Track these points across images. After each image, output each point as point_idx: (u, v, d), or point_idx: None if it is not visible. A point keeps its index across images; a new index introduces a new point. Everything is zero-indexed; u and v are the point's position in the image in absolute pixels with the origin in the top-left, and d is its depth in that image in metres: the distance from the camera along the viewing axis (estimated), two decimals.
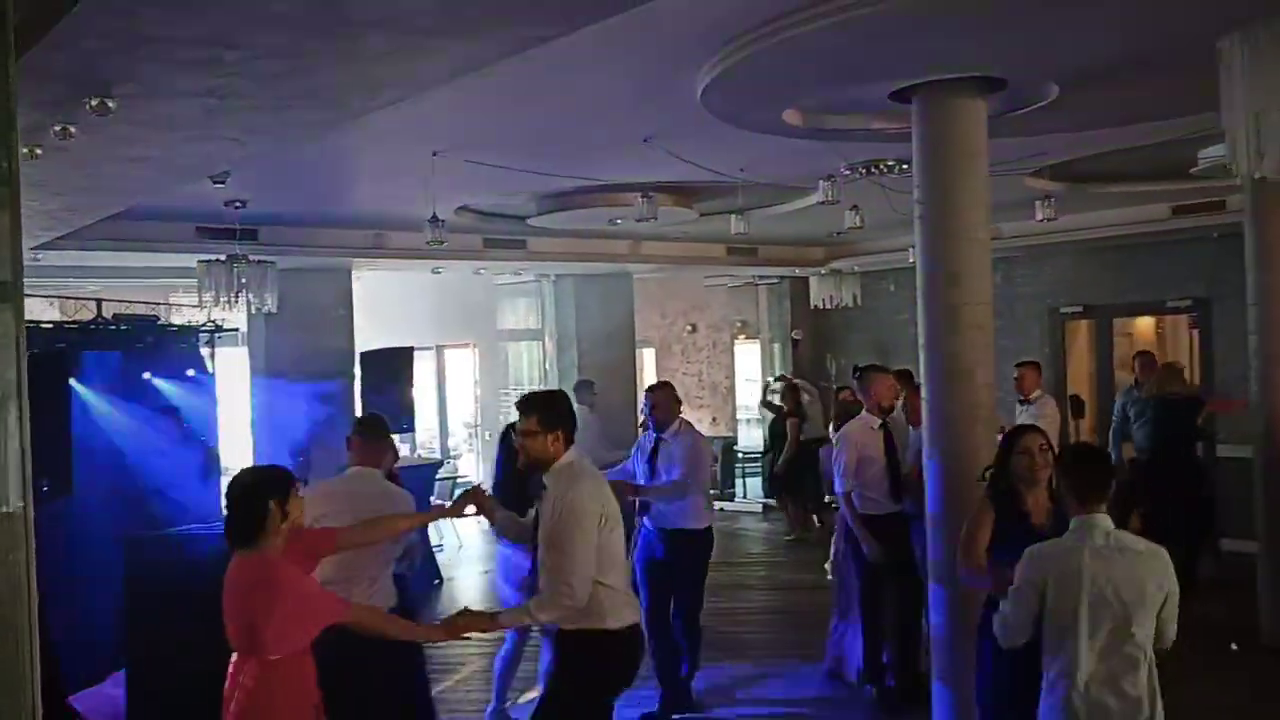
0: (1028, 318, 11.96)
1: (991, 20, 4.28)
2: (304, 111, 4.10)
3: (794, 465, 11.56)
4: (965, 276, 5.15)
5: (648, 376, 15.82)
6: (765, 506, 13.64)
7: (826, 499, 9.71)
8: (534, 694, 6.12)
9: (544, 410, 3.88)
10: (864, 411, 6.34)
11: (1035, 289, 11.95)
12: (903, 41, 4.51)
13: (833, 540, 6.71)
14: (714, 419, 15.61)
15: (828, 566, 6.95)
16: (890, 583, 6.16)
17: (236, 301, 8.09)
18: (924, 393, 5.32)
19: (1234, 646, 6.97)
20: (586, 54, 4.57)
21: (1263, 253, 7.71)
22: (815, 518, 11.63)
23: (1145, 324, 12.24)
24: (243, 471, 3.76)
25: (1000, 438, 4.56)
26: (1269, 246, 7.67)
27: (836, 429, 6.88)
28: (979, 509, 4.19)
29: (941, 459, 5.14)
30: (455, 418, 15.12)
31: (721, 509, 12.54)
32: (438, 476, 10.90)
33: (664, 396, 6.26)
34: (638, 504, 6.28)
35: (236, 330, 10.40)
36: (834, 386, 13.07)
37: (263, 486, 3.51)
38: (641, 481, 6.19)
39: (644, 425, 6.67)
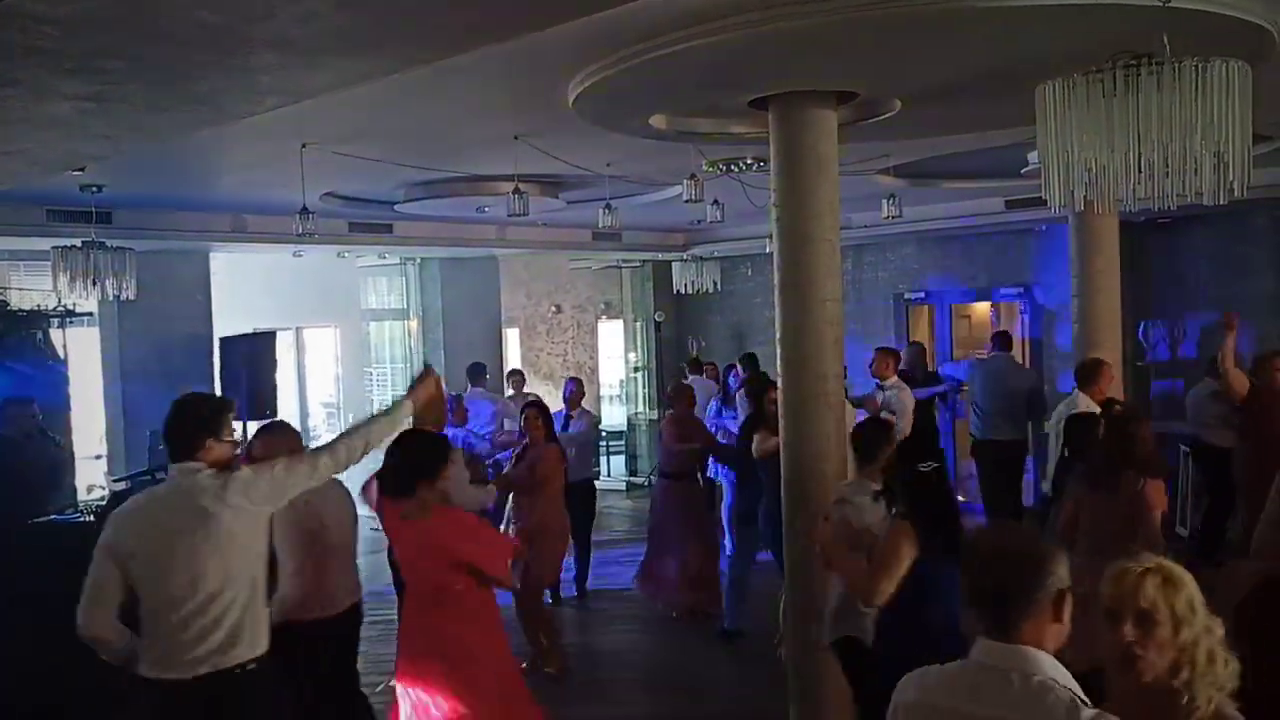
0: (874, 303, 12.64)
1: (841, 46, 4.64)
2: (184, 115, 4.15)
3: None
4: (817, 276, 5.53)
5: (512, 356, 15.98)
6: (629, 484, 14.03)
7: None
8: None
9: None
10: None
11: (881, 276, 12.63)
12: (760, 60, 4.83)
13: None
14: None
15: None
16: None
17: (94, 289, 7.89)
18: (779, 382, 5.71)
19: None
20: (461, 58, 4.73)
21: (1082, 248, 8.45)
22: None
23: (982, 309, 13.07)
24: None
25: None
26: (1088, 243, 8.41)
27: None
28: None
29: (792, 446, 5.54)
30: (315, 399, 14.94)
31: None
32: None
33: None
34: None
35: (89, 314, 10.10)
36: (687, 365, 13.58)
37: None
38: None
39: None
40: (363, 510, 4.86)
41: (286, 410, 13.10)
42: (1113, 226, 8.20)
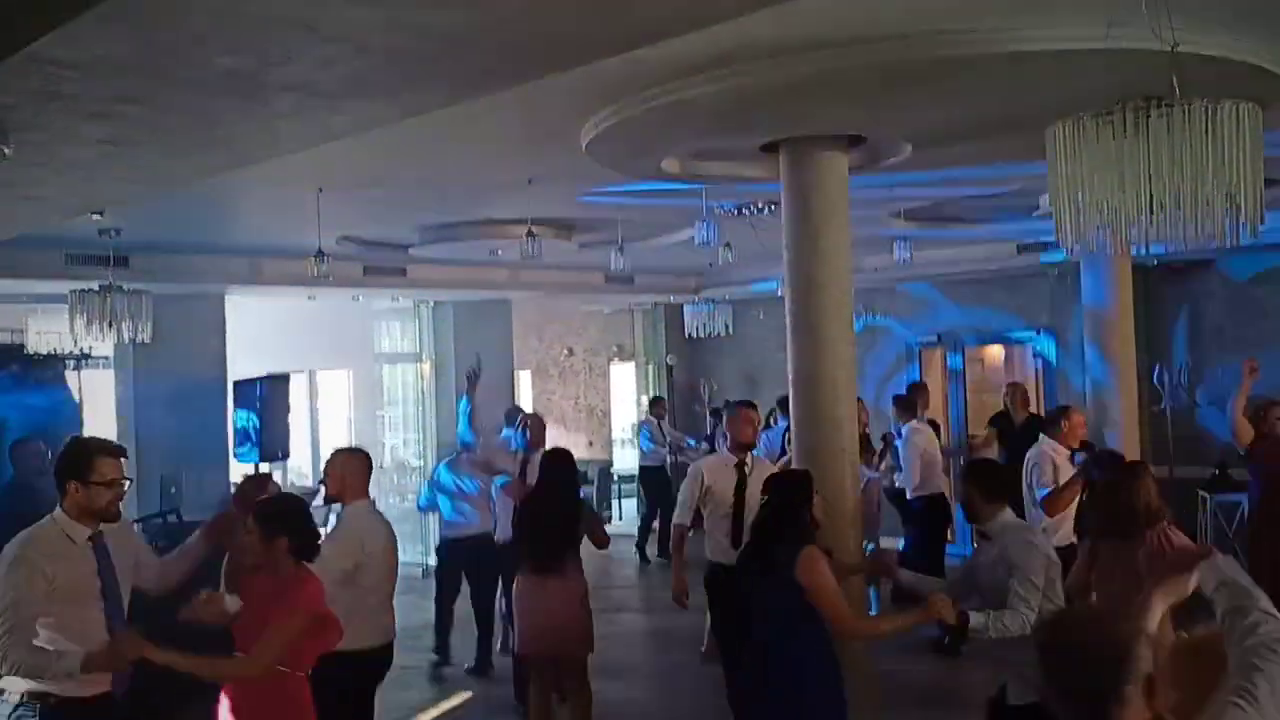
0: (885, 346, 12.63)
1: (849, 91, 4.68)
2: (202, 158, 4.20)
3: None
4: (829, 319, 5.54)
5: (524, 399, 15.99)
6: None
7: None
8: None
9: None
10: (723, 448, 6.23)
11: (893, 319, 12.63)
12: (769, 106, 4.88)
13: None
14: (590, 442, 15.86)
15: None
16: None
17: (110, 331, 7.95)
18: (792, 428, 5.69)
19: None
20: (475, 104, 4.79)
21: (1095, 291, 8.45)
22: None
23: (994, 353, 13.04)
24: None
25: None
26: (1101, 286, 8.42)
27: None
28: None
29: None
30: (328, 443, 14.96)
31: None
32: (313, 505, 10.78)
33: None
34: None
35: (105, 357, 10.17)
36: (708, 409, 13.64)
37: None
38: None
39: None
40: None
41: (299, 453, 13.16)
42: (1126, 269, 8.20)
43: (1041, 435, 6.39)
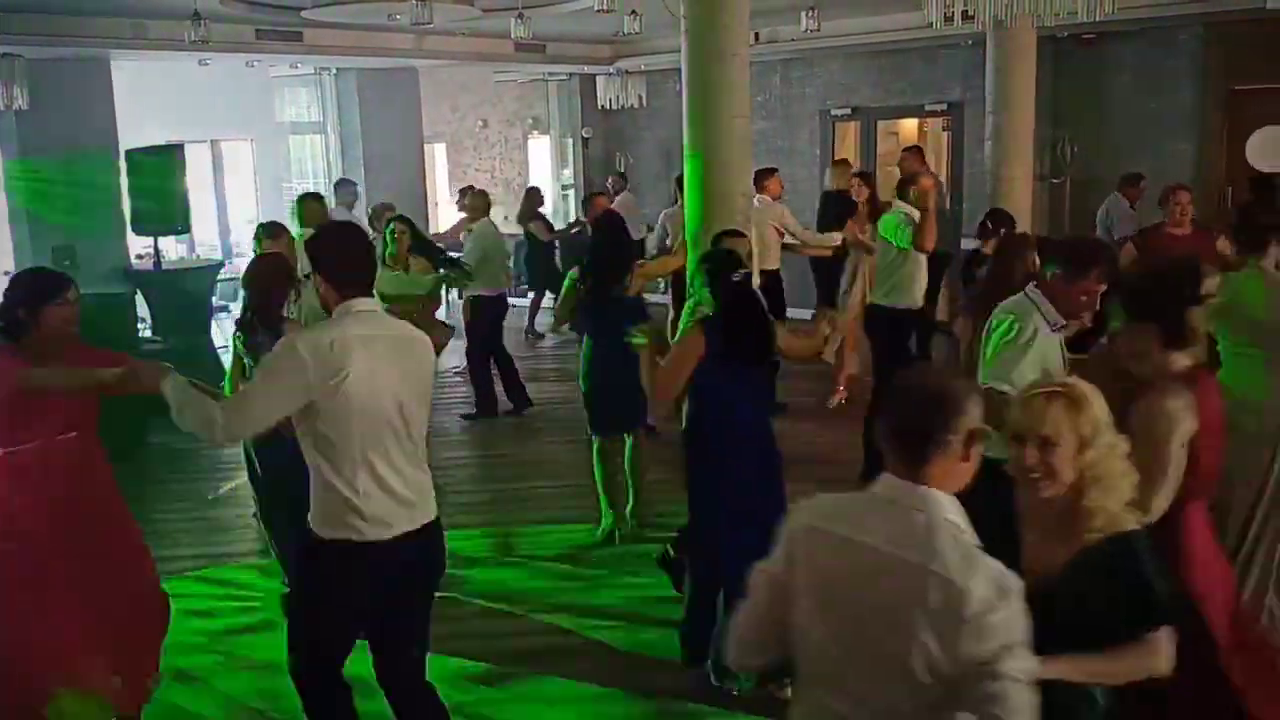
0: (800, 120, 12.54)
1: None
2: None
3: None
4: (724, 92, 5.50)
5: (439, 172, 15.67)
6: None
7: None
8: None
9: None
10: None
11: (808, 92, 12.48)
12: None
13: None
14: (506, 216, 15.73)
15: None
16: None
17: None
18: (686, 200, 5.74)
19: None
20: None
21: (999, 63, 8.41)
22: None
23: (910, 126, 13.03)
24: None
25: None
26: (1007, 57, 8.36)
27: None
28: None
29: None
30: (237, 215, 14.63)
31: (514, 305, 12.88)
32: (220, 278, 10.65)
33: None
34: None
35: None
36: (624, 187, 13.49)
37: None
38: None
39: None
40: None
41: (204, 227, 12.87)
42: (1030, 41, 8.15)
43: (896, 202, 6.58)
